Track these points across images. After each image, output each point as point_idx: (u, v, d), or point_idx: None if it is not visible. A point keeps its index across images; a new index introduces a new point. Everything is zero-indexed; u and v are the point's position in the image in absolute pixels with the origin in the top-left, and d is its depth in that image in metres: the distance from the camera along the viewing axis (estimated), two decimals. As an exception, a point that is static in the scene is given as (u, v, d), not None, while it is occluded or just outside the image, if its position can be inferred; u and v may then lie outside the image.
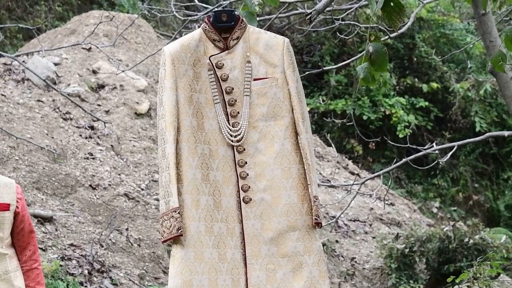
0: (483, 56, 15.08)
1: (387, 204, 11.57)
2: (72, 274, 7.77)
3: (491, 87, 14.49)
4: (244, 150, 3.61)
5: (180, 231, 3.48)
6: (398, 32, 3.62)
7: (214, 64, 3.63)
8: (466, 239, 9.70)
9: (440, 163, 6.66)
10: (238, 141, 3.61)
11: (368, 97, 14.52)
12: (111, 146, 10.17)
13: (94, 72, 11.35)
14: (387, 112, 14.40)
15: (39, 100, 10.41)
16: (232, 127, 3.63)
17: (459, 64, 15.51)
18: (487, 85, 14.33)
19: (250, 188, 3.60)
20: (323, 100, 12.33)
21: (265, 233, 3.60)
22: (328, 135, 10.04)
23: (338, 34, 7.10)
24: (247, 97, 3.63)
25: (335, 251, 10.15)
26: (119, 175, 9.64)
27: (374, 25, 3.72)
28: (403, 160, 6.50)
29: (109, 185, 9.36)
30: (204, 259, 3.52)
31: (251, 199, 3.60)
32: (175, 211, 3.49)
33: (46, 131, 9.83)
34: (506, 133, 6.30)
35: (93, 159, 9.71)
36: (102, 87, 11.15)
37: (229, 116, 3.63)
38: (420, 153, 6.57)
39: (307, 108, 4.76)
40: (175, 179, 3.50)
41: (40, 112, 10.16)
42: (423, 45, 15.10)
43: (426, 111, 14.99)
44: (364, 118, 14.30)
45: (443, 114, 15.12)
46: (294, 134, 3.64)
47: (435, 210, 13.80)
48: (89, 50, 11.71)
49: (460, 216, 13.91)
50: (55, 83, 10.60)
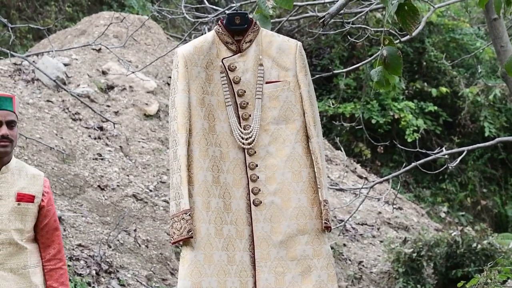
0: (493, 61, 15.06)
1: (395, 208, 11.56)
2: (80, 275, 7.78)
3: (500, 92, 14.46)
4: (255, 153, 3.62)
5: (190, 233, 3.48)
6: (411, 36, 3.60)
7: (227, 67, 3.64)
8: (474, 244, 9.68)
9: (449, 167, 6.65)
10: (249, 143, 3.62)
11: (377, 101, 14.51)
12: (120, 147, 10.18)
13: (104, 73, 11.37)
14: (396, 116, 14.39)
15: (48, 101, 10.44)
16: (244, 129, 3.63)
17: (468, 69, 15.48)
18: (497, 90, 14.31)
19: (260, 191, 3.61)
20: (332, 104, 12.31)
21: (274, 236, 3.60)
22: (337, 138, 10.03)
23: (348, 38, 7.09)
24: (259, 100, 3.63)
25: (343, 255, 10.14)
26: (128, 176, 9.65)
27: (386, 28, 3.71)
28: (413, 164, 6.50)
29: (117, 186, 9.37)
30: (213, 261, 3.53)
31: (261, 202, 3.61)
32: (186, 213, 3.49)
33: (55, 132, 9.85)
34: (515, 138, 6.28)
35: (101, 159, 9.73)
36: (111, 88, 11.17)
37: (240, 118, 3.64)
38: (429, 157, 6.56)
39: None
40: (186, 181, 3.51)
41: (50, 113, 10.18)
42: (433, 49, 15.09)
43: (435, 116, 14.97)
44: (373, 122, 14.29)
45: (452, 119, 15.10)
46: (305, 138, 3.65)
47: (443, 215, 13.78)
48: (99, 51, 11.73)
49: (468, 221, 13.88)
50: (64, 84, 10.62)
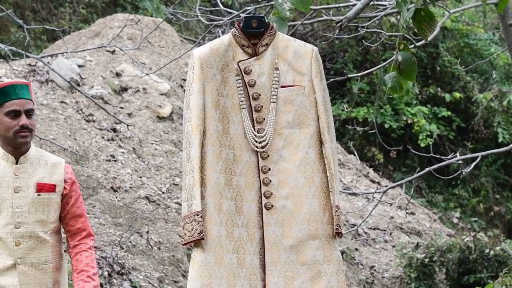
0: (507, 67, 15.02)
1: (407, 213, 11.53)
2: (92, 276, 7.79)
3: (514, 98, 14.42)
4: (268, 156, 3.62)
5: (201, 234, 3.49)
6: (427, 41, 3.60)
7: (242, 70, 3.64)
8: (487, 250, 9.65)
9: (462, 173, 6.64)
10: (262, 147, 3.62)
11: (390, 105, 14.48)
12: (133, 148, 10.20)
13: (118, 74, 11.39)
14: (409, 121, 14.36)
15: (62, 102, 10.47)
16: (257, 133, 3.63)
17: (482, 74, 15.44)
18: (511, 96, 14.26)
19: (272, 194, 3.61)
20: (348, 107, 12.30)
21: (285, 240, 3.60)
22: (350, 142, 10.03)
23: (363, 42, 7.09)
24: (274, 104, 3.63)
25: (355, 259, 10.12)
26: (141, 178, 9.66)
27: (401, 33, 3.71)
28: (426, 169, 6.48)
29: (130, 187, 9.38)
30: (223, 263, 3.53)
31: (272, 206, 3.61)
32: (198, 215, 3.50)
33: (69, 133, 9.88)
34: (530, 144, 6.26)
35: (115, 161, 9.74)
36: (125, 89, 11.19)
37: (254, 122, 3.64)
38: (443, 162, 6.55)
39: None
40: (199, 183, 3.51)
41: (64, 114, 10.21)
42: (447, 54, 15.05)
43: (448, 121, 14.93)
44: (386, 126, 14.27)
45: (465, 124, 15.06)
46: (318, 143, 3.64)
47: (455, 221, 13.74)
48: (113, 52, 11.76)
49: (480, 227, 13.83)
50: (78, 85, 10.65)
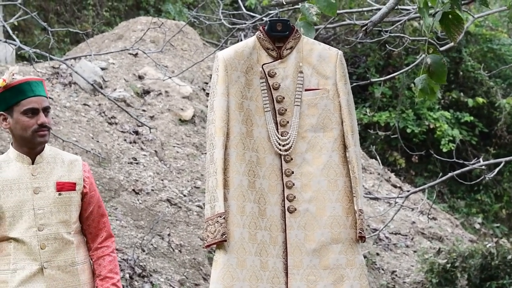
0: (531, 72, 14.93)
1: (429, 218, 11.48)
2: (113, 278, 7.81)
3: (538, 103, 14.34)
4: (291, 159, 3.62)
5: (224, 236, 3.48)
6: (455, 44, 3.59)
7: (267, 73, 3.64)
8: (509, 256, 9.59)
9: (485, 178, 6.60)
10: (286, 150, 3.62)
11: (413, 110, 14.43)
12: (155, 151, 10.22)
13: (140, 77, 11.43)
14: (431, 126, 14.30)
15: (85, 104, 10.51)
16: (281, 136, 3.63)
17: (506, 79, 15.35)
18: (534, 101, 14.19)
19: (295, 198, 3.60)
20: (370, 112, 12.28)
21: (308, 244, 3.59)
22: (373, 147, 10.00)
23: (386, 46, 7.07)
24: (298, 107, 3.63)
25: (376, 264, 10.09)
26: (162, 180, 9.68)
27: (426, 37, 3.69)
28: (449, 174, 6.45)
29: (152, 190, 9.40)
30: (246, 266, 3.53)
31: (295, 209, 3.60)
32: (220, 216, 3.50)
33: (91, 135, 9.92)
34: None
35: (136, 164, 9.77)
36: (147, 92, 11.23)
37: (278, 125, 3.64)
38: (466, 168, 6.52)
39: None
40: (222, 185, 3.51)
41: (86, 116, 10.25)
42: (470, 59, 14.98)
43: (471, 126, 14.86)
44: (408, 131, 14.22)
45: (488, 130, 14.98)
46: (342, 147, 3.64)
47: (477, 226, 13.66)
48: (135, 55, 11.80)
49: (503, 233, 13.74)
50: (101, 88, 10.70)
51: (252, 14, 7.45)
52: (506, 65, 12.78)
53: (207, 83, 11.96)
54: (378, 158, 8.31)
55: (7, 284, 3.72)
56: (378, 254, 10.31)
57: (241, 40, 12.48)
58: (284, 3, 3.82)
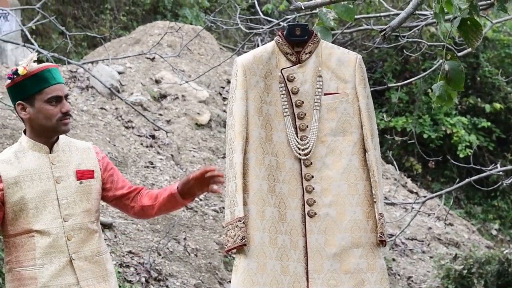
0: (549, 78, 14.86)
1: (445, 224, 11.45)
2: (129, 281, 7.83)
3: (555, 109, 14.27)
4: (311, 164, 3.61)
5: (244, 240, 3.48)
6: (473, 50, 3.59)
7: (286, 77, 3.64)
8: (527, 263, 9.55)
9: (503, 184, 6.58)
10: (305, 154, 3.61)
11: (429, 115, 14.40)
12: (171, 155, 10.24)
13: (157, 81, 11.46)
14: (448, 131, 14.26)
15: (102, 108, 10.55)
16: (301, 140, 3.63)
17: (524, 85, 15.31)
18: (552, 107, 14.12)
19: (315, 202, 3.60)
20: (387, 117, 12.26)
21: (328, 248, 3.59)
22: (389, 152, 10.00)
23: (404, 51, 7.06)
24: (317, 111, 3.63)
25: (392, 270, 10.06)
26: (178, 184, 9.69)
27: (443, 43, 3.69)
28: (466, 180, 6.44)
29: (168, 194, 9.41)
30: (266, 270, 3.52)
31: (316, 214, 3.60)
32: (240, 221, 3.49)
33: (108, 139, 9.94)
34: None
35: (153, 168, 9.79)
36: (164, 96, 11.25)
37: (297, 129, 3.63)
38: (483, 173, 6.50)
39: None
40: (241, 189, 3.51)
41: (103, 120, 10.28)
42: (487, 65, 14.94)
43: (488, 132, 14.80)
44: (425, 136, 14.19)
45: (505, 135, 14.92)
46: (362, 151, 3.63)
47: (494, 232, 13.61)
48: (152, 60, 11.83)
49: (520, 239, 13.69)
50: (118, 92, 10.73)
51: (269, 19, 7.46)
52: (524, 70, 12.74)
53: (223, 88, 11.98)
54: (394, 163, 8.29)
55: (36, 280, 3.58)
56: (394, 260, 10.28)
57: (258, 44, 12.51)
58: (303, 8, 3.81)
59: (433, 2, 3.45)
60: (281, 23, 6.78)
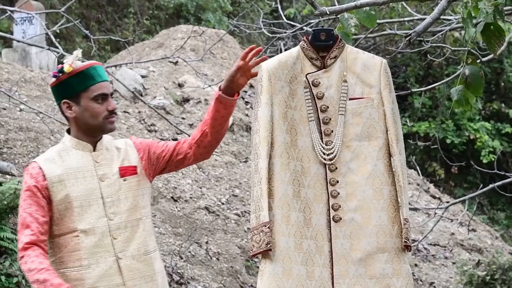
0: None
1: (468, 230, 11.39)
2: (152, 285, 7.84)
3: None
4: (336, 169, 3.60)
5: (269, 245, 3.47)
6: (496, 56, 3.57)
7: (311, 82, 3.64)
8: (550, 270, 9.48)
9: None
10: (330, 159, 3.60)
11: (453, 120, 14.35)
12: (194, 159, 10.26)
13: (180, 85, 11.49)
14: (472, 137, 14.20)
15: (125, 111, 10.59)
16: (326, 145, 3.62)
17: (547, 90, 15.22)
18: None
19: (340, 207, 3.59)
20: (410, 122, 12.23)
21: (353, 253, 3.58)
22: (412, 157, 9.96)
23: (427, 56, 7.04)
24: (342, 116, 3.62)
25: (414, 275, 10.02)
26: (200, 188, 9.71)
27: (468, 48, 3.68)
28: (490, 185, 6.41)
29: (190, 198, 9.43)
30: (292, 275, 3.52)
31: (341, 218, 3.59)
32: (265, 226, 3.49)
33: (131, 142, 9.98)
34: None
35: (175, 171, 9.82)
36: (187, 100, 11.28)
37: (322, 134, 3.63)
38: (507, 179, 6.47)
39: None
40: (267, 194, 3.50)
41: (126, 123, 10.32)
42: (511, 70, 14.87)
43: (512, 137, 14.75)
44: (448, 141, 14.14)
45: (529, 141, 14.85)
46: (387, 155, 3.62)
47: (517, 238, 13.53)
48: (175, 63, 11.87)
49: (543, 245, 13.59)
50: (141, 95, 10.77)
51: (292, 23, 7.46)
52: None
53: (246, 92, 11.99)
54: (417, 168, 8.26)
55: (84, 281, 3.51)
56: (416, 265, 10.24)
57: (280, 49, 12.50)
58: (328, 13, 3.81)
59: (461, 8, 3.44)
60: (304, 27, 6.79)
